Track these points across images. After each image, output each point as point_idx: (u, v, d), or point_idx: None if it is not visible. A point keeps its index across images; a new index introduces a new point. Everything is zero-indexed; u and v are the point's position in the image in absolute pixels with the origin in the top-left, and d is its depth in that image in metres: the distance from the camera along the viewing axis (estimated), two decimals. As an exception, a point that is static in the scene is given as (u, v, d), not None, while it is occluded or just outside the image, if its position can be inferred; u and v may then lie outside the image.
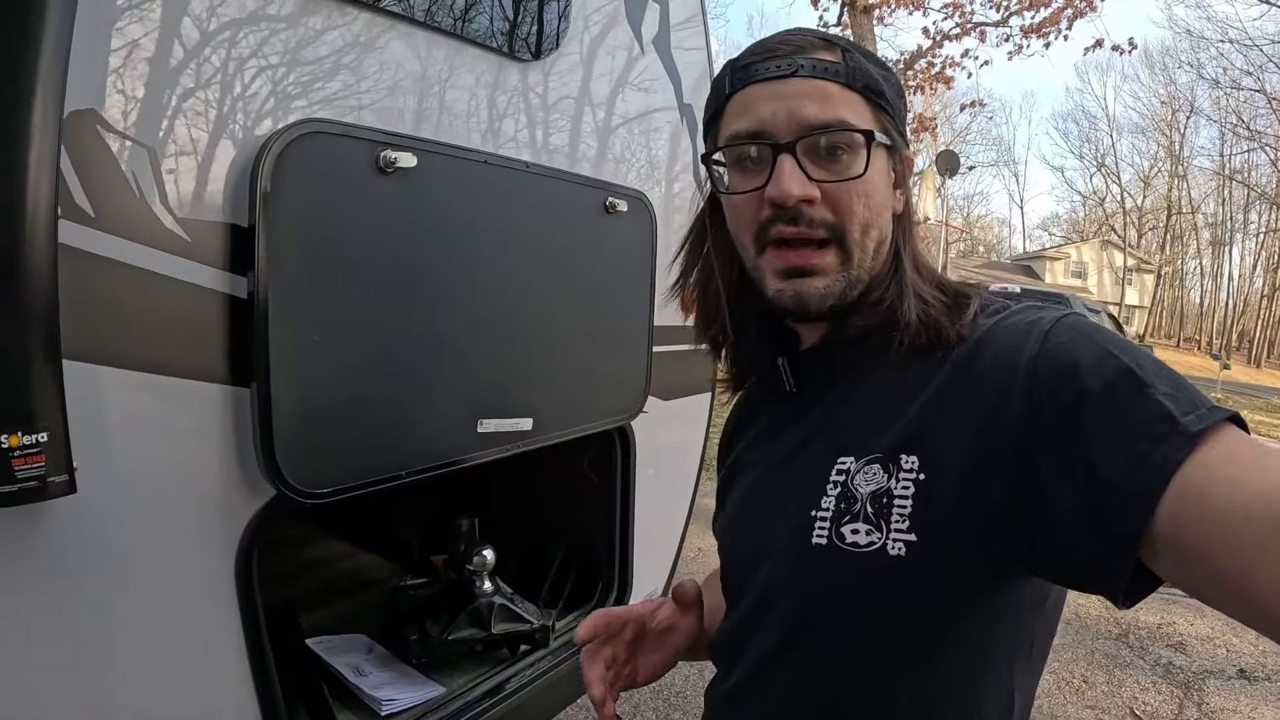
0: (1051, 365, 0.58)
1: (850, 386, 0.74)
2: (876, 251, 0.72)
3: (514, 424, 1.40)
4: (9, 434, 0.73)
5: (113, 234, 0.89)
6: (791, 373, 0.79)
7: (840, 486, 0.68)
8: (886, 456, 0.66)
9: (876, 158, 0.70)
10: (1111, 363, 0.56)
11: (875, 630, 0.67)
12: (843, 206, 0.69)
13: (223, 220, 1.00)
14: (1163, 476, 0.50)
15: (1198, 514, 0.49)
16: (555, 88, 1.55)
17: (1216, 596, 0.50)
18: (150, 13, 0.92)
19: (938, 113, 17.62)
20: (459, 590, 1.73)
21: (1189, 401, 0.53)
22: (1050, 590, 0.68)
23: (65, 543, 0.88)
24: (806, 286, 0.70)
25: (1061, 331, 0.61)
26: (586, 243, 1.55)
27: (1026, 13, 9.55)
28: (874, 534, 0.64)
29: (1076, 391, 0.56)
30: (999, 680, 0.67)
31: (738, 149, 0.72)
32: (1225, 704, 3.13)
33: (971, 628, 0.65)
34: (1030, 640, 0.69)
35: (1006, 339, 0.64)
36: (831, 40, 0.72)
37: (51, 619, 0.89)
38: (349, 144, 1.10)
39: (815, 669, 0.71)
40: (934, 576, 0.63)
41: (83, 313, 0.86)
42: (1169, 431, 0.51)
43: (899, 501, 0.64)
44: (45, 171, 0.76)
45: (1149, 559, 0.52)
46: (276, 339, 1.01)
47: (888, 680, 0.67)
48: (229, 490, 1.04)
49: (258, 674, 1.11)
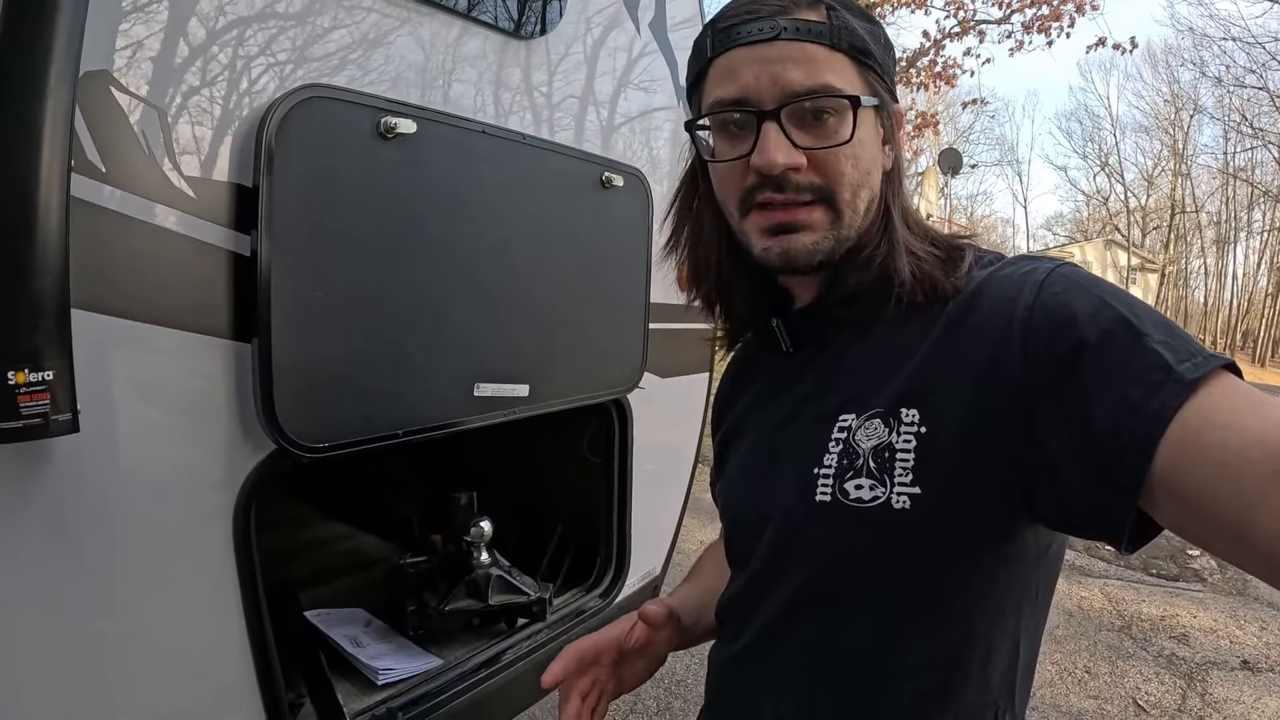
0: (1047, 315, 0.58)
1: (847, 344, 0.74)
2: (867, 210, 0.71)
3: (510, 389, 1.42)
4: (15, 370, 0.75)
5: (122, 189, 0.92)
6: (787, 332, 0.79)
7: (842, 443, 0.68)
8: (887, 411, 0.66)
9: (864, 119, 0.69)
10: (1107, 312, 0.56)
11: (883, 584, 0.67)
12: (830, 170, 0.68)
13: (228, 180, 1.03)
14: (1160, 424, 0.50)
15: (1196, 460, 0.49)
16: (553, 63, 1.58)
17: (1216, 542, 0.51)
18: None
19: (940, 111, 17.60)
20: (457, 563, 1.76)
21: (1185, 349, 0.53)
22: (1053, 538, 0.69)
23: (67, 485, 0.91)
24: (793, 242, 0.69)
25: (1056, 281, 0.60)
26: (582, 216, 1.57)
27: (1029, 9, 9.54)
28: (878, 488, 0.64)
29: (1073, 342, 0.56)
30: (1005, 629, 0.68)
31: (721, 116, 0.70)
32: (1228, 695, 3.14)
33: (978, 577, 0.66)
34: (1036, 587, 0.69)
35: (1002, 290, 0.63)
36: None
37: (50, 561, 0.91)
38: (351, 109, 1.13)
39: (824, 628, 0.71)
40: (939, 528, 0.63)
41: (92, 263, 0.88)
42: (1165, 379, 0.51)
43: (901, 455, 0.64)
44: (60, 128, 0.79)
45: (1149, 506, 0.52)
46: (278, 296, 1.04)
47: (897, 634, 0.67)
48: (229, 443, 1.06)
49: (253, 632, 1.13)
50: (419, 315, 1.25)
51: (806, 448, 0.71)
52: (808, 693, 0.73)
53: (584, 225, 1.57)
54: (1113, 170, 39.30)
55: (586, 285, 1.60)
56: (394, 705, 1.41)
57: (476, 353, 1.36)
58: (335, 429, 1.14)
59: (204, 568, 1.07)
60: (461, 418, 1.35)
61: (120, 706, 1.01)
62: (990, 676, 0.68)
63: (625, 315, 1.73)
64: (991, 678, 0.68)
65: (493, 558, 1.76)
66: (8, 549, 0.87)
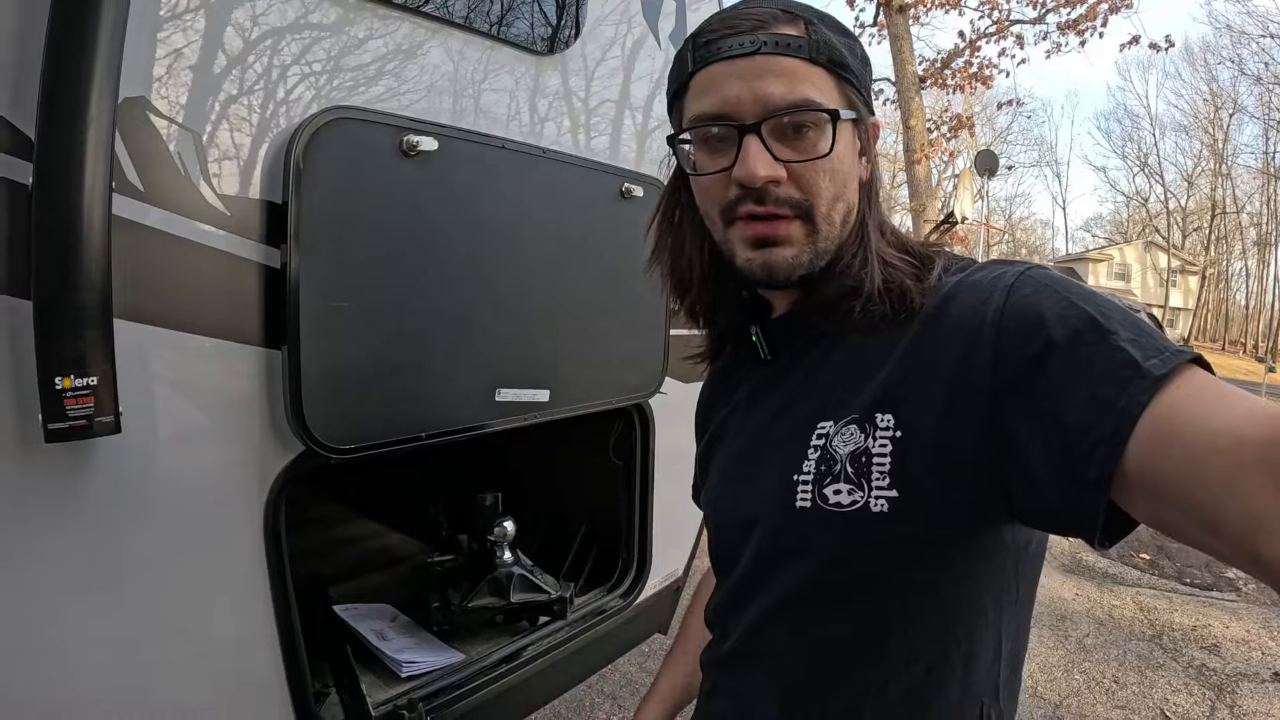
0: (1016, 317, 0.59)
1: (824, 352, 0.76)
2: (844, 222, 0.73)
3: (531, 395, 1.46)
4: (63, 376, 0.81)
5: (160, 207, 0.98)
6: (765, 340, 0.81)
7: (820, 450, 0.70)
8: (862, 417, 0.68)
9: (843, 132, 0.70)
10: (1075, 312, 0.57)
11: (864, 586, 0.69)
12: (809, 184, 0.70)
13: (259, 197, 1.09)
14: (1129, 419, 0.51)
15: (1166, 452, 0.50)
16: (573, 78, 1.62)
17: (1190, 532, 0.51)
18: (192, 11, 1.01)
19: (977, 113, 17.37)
20: (480, 561, 1.80)
21: (1153, 346, 0.54)
22: (1032, 535, 0.70)
23: (109, 482, 0.96)
24: (774, 256, 0.71)
25: (1025, 284, 0.62)
26: (603, 226, 1.61)
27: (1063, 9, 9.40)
28: (856, 493, 0.66)
29: (1042, 342, 0.57)
30: (988, 626, 0.70)
31: (702, 129, 0.72)
32: (1258, 707, 3.08)
33: (957, 577, 0.67)
34: (1016, 584, 0.71)
35: (972, 294, 0.65)
36: (794, 12, 0.70)
37: (91, 554, 0.97)
38: (375, 129, 1.18)
39: (807, 630, 0.73)
40: (917, 530, 0.64)
41: (132, 276, 0.94)
42: (1133, 375, 0.52)
43: (878, 459, 0.65)
44: (101, 151, 0.85)
45: (1123, 501, 0.53)
46: (307, 306, 1.09)
47: (880, 634, 0.69)
48: (260, 443, 1.12)
49: (282, 624, 1.18)
50: (441, 323, 1.29)
51: (786, 455, 0.73)
52: (792, 694, 0.75)
53: (604, 235, 1.61)
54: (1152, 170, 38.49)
55: (606, 293, 1.63)
56: (416, 697, 1.46)
57: (498, 359, 1.40)
58: (360, 431, 1.19)
59: (235, 562, 1.13)
60: (483, 421, 1.40)
61: (156, 693, 1.07)
62: (974, 674, 0.70)
63: (645, 322, 1.76)
64: (975, 675, 0.70)
65: (515, 557, 1.80)
66: (54, 542, 0.94)
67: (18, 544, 0.91)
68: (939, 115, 11.83)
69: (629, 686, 2.99)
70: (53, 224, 0.83)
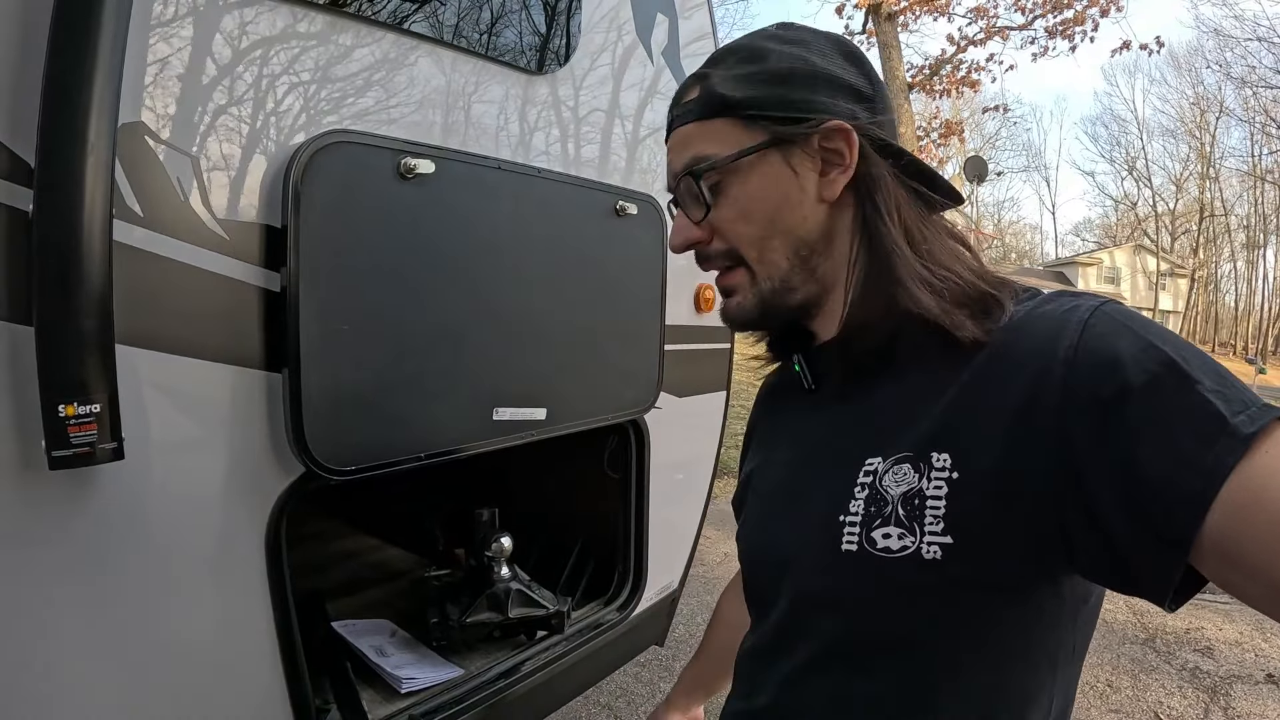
0: (1090, 356, 0.55)
1: (871, 382, 0.70)
2: (796, 255, 0.71)
3: (528, 413, 1.47)
4: (66, 404, 0.82)
5: (160, 232, 0.99)
6: (809, 369, 0.78)
7: (868, 489, 0.64)
8: (916, 455, 0.62)
9: (754, 168, 0.70)
10: (1154, 354, 0.53)
11: (913, 638, 0.63)
12: (727, 234, 0.73)
13: (258, 221, 1.09)
14: (1215, 481, 0.48)
15: (1253, 521, 0.47)
16: (568, 97, 1.63)
17: (1264, 604, 0.49)
18: (190, 37, 1.02)
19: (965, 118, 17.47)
20: (478, 576, 1.81)
21: (1239, 400, 0.50)
22: (1091, 590, 0.65)
23: (112, 507, 0.97)
24: (728, 304, 0.77)
25: (1100, 321, 0.57)
26: (597, 244, 1.62)
27: (1051, 15, 9.49)
28: (907, 537, 0.60)
29: (1117, 386, 0.52)
30: (1040, 684, 0.64)
31: None
32: (1252, 709, 3.10)
33: (1012, 631, 0.61)
34: (1073, 642, 0.65)
35: (1041, 328, 0.59)
36: (700, 70, 0.74)
37: (96, 576, 0.98)
38: (373, 152, 1.19)
39: (850, 683, 0.67)
40: (970, 579, 0.59)
41: (134, 301, 0.95)
42: (1219, 432, 0.49)
43: (932, 502, 0.60)
44: (101, 177, 0.86)
45: (1195, 561, 0.50)
46: (307, 329, 1.10)
47: (927, 689, 0.63)
48: (261, 466, 1.12)
49: (283, 642, 1.19)
50: (439, 344, 1.30)
51: (830, 492, 0.68)
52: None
53: (599, 253, 1.62)
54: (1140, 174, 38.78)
55: (602, 311, 1.64)
56: (416, 713, 1.47)
57: (495, 378, 1.41)
58: (360, 453, 1.20)
59: (238, 581, 1.13)
60: (481, 440, 1.40)
61: (159, 710, 1.07)
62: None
63: (640, 338, 1.77)
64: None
65: (513, 572, 1.81)
66: (59, 565, 0.94)
67: (21, 566, 0.91)
68: (928, 122, 11.91)
69: (625, 697, 2.99)
70: (53, 251, 0.83)
